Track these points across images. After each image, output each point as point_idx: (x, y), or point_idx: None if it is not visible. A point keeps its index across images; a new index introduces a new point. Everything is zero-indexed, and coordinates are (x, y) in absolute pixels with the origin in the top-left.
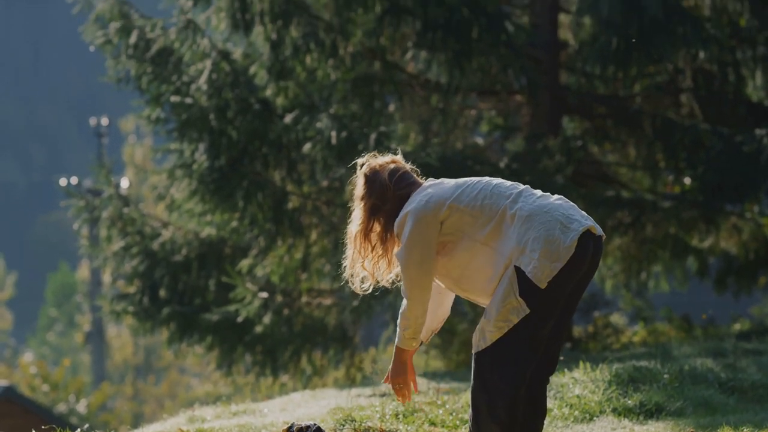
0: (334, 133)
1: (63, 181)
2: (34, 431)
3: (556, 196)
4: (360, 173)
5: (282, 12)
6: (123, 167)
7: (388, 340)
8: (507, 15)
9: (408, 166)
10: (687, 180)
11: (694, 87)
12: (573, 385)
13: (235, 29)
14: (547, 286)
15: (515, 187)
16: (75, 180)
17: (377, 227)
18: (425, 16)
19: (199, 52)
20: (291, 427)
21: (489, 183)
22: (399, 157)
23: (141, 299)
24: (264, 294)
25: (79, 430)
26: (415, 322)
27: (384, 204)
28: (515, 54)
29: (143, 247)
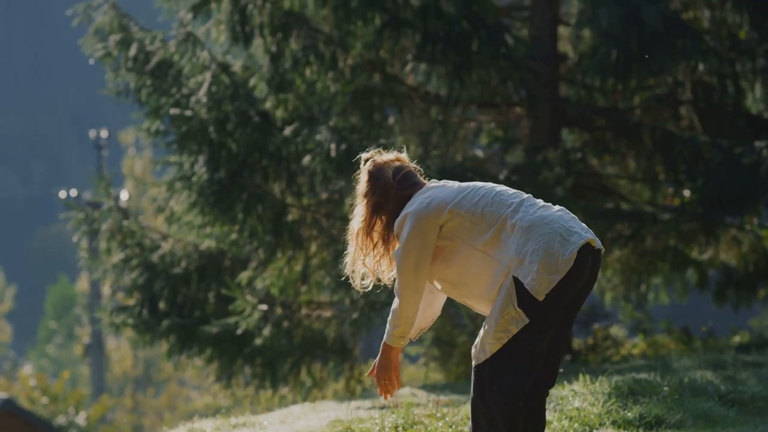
0: (333, 146)
1: (62, 194)
2: None
3: (557, 207)
4: (364, 169)
5: (282, 24)
6: (122, 179)
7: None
8: (506, 28)
9: (412, 165)
10: (686, 192)
11: (693, 99)
12: (572, 398)
13: (235, 42)
14: (545, 298)
15: (517, 196)
16: (74, 192)
17: (379, 225)
18: (425, 28)
19: (199, 64)
20: None
21: (492, 190)
22: (404, 156)
23: (140, 311)
24: (263, 306)
25: None
26: (406, 321)
27: (387, 203)
28: (515, 66)
29: (143, 260)
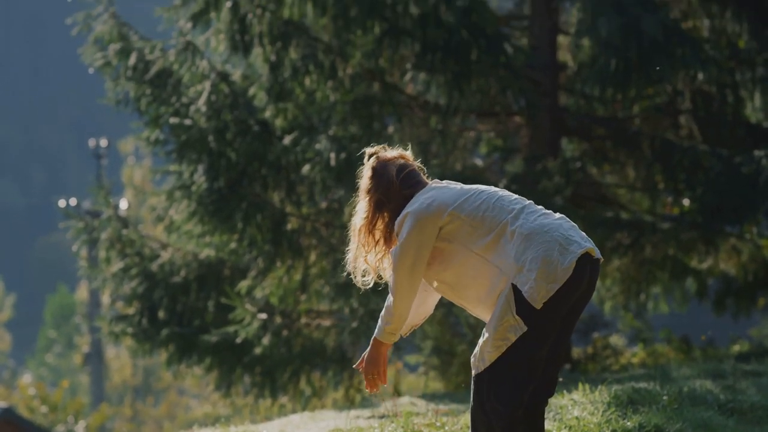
0: (333, 155)
1: (62, 203)
2: None
3: (558, 214)
4: (368, 165)
5: (281, 34)
6: (122, 188)
7: (388, 361)
8: (506, 37)
9: (416, 163)
10: (686, 201)
11: (693, 108)
12: (572, 407)
13: (234, 51)
14: (543, 306)
15: (519, 202)
16: (74, 201)
17: (381, 223)
18: (424, 37)
19: (198, 73)
20: None
21: (493, 194)
22: (408, 153)
23: (140, 320)
24: (263, 315)
25: None
26: (399, 318)
27: (389, 201)
28: (514, 75)
29: (142, 269)
